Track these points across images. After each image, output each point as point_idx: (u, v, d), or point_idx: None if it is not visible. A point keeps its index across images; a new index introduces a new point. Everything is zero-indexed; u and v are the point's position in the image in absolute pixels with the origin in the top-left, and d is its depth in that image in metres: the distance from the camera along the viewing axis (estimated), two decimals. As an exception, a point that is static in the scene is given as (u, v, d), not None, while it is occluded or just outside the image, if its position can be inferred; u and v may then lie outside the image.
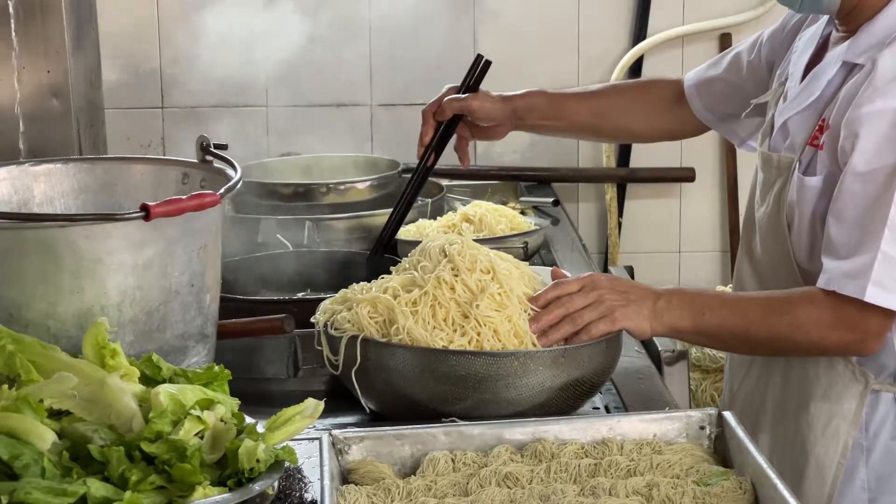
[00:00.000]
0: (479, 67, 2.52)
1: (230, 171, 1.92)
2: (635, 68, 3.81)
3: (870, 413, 2.05)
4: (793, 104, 2.09)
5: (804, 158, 2.03)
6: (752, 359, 2.23)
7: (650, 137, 2.80)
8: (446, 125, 2.50)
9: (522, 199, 3.41)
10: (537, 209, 3.27)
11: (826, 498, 2.07)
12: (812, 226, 2.01)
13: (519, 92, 2.53)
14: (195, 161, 2.00)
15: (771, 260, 2.12)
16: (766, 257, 2.14)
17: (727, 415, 1.69)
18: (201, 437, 1.51)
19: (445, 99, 2.49)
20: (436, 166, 2.56)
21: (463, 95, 2.49)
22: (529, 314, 1.89)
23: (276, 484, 1.56)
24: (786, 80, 2.16)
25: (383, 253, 2.50)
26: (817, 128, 2.02)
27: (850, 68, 2.01)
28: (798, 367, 2.11)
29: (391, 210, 2.57)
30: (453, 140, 2.55)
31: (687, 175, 3.87)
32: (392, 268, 1.99)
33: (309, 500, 1.61)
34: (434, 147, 2.51)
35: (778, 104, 2.15)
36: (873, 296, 1.88)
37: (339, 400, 1.89)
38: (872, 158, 1.90)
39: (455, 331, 1.85)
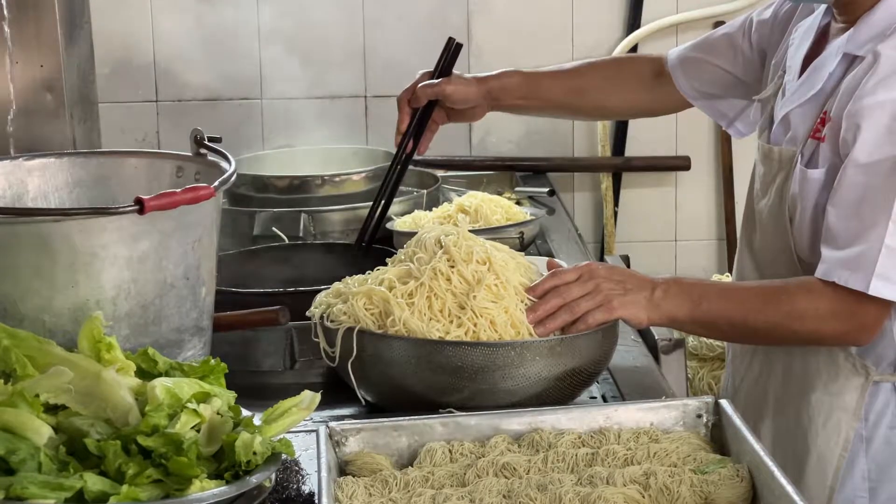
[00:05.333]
0: (451, 51, 2.50)
1: (224, 164, 1.92)
2: (630, 57, 3.80)
3: (869, 403, 2.05)
4: (793, 97, 2.08)
5: (806, 151, 2.03)
6: (754, 351, 2.23)
7: (628, 114, 2.79)
8: (422, 111, 2.49)
9: (518, 189, 3.41)
10: (533, 199, 3.27)
11: (828, 490, 2.07)
12: (814, 218, 2.00)
13: (493, 73, 2.52)
14: (189, 154, 1.99)
15: (772, 252, 2.11)
16: (767, 250, 2.14)
17: (724, 403, 1.69)
18: (198, 431, 1.51)
19: (419, 85, 2.48)
20: (431, 157, 2.56)
21: (436, 81, 2.48)
22: (526, 304, 1.89)
23: (273, 476, 1.56)
24: (783, 73, 2.15)
25: (369, 244, 2.49)
26: (819, 120, 2.01)
27: (850, 60, 2.00)
28: (799, 360, 2.11)
29: (372, 201, 2.56)
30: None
31: (682, 164, 3.87)
32: (388, 259, 1.99)
33: (306, 492, 1.61)
34: (412, 134, 2.50)
35: (777, 98, 2.15)
36: (877, 288, 1.88)
37: (335, 392, 1.89)
38: (874, 150, 1.89)
39: (451, 322, 1.84)
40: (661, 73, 2.47)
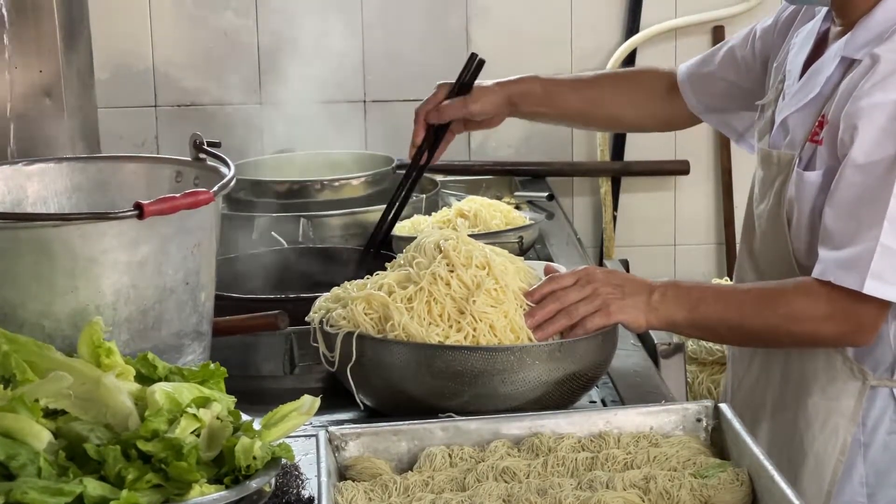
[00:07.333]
0: (474, 66, 2.51)
1: (224, 169, 1.92)
2: (628, 62, 3.81)
3: (867, 408, 2.05)
4: (792, 101, 2.08)
5: (804, 155, 2.03)
6: (753, 355, 2.23)
7: (642, 127, 2.80)
8: (439, 125, 2.50)
9: (517, 193, 3.41)
10: (532, 204, 3.27)
11: (825, 495, 2.07)
12: (811, 221, 2.01)
13: (513, 78, 2.53)
14: (188, 159, 1.99)
15: (771, 256, 2.12)
16: (766, 254, 2.14)
17: (723, 407, 1.69)
18: (197, 435, 1.51)
19: (445, 104, 2.48)
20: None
21: (461, 100, 2.47)
22: (525, 309, 1.89)
23: (272, 481, 1.56)
24: (784, 77, 2.16)
25: (376, 252, 2.49)
26: (817, 124, 2.02)
27: (848, 64, 2.01)
28: (797, 364, 2.11)
29: (383, 208, 2.56)
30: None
31: (681, 168, 3.87)
32: (387, 264, 1.99)
33: (306, 496, 1.60)
34: (427, 147, 2.50)
35: (777, 102, 2.15)
36: (872, 288, 1.88)
37: (335, 396, 1.89)
38: (871, 150, 1.90)
39: (451, 326, 1.84)
40: (674, 88, 2.48)
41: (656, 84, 2.52)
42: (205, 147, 1.97)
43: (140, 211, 1.68)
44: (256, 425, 1.55)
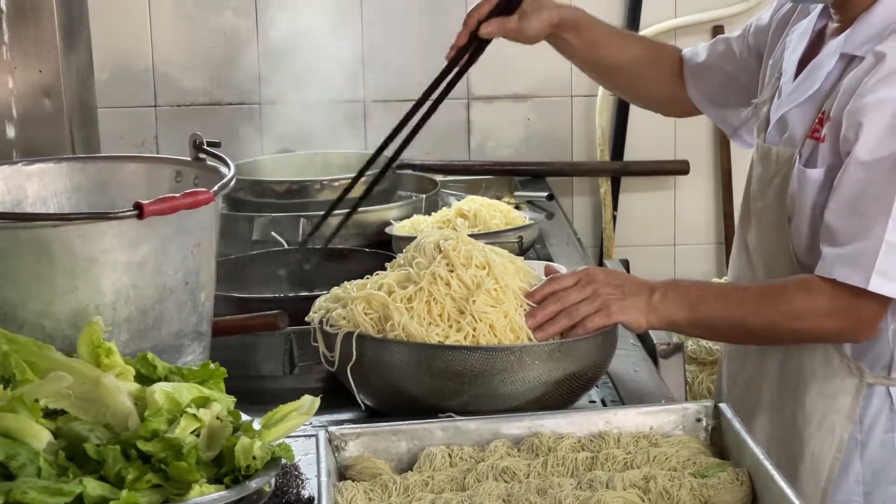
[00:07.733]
0: None
1: (223, 169, 1.92)
2: (628, 61, 3.80)
3: (864, 406, 2.05)
4: (790, 98, 2.08)
5: (804, 151, 2.03)
6: (747, 352, 2.23)
7: (649, 101, 2.70)
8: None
9: (517, 193, 3.41)
10: (532, 203, 3.27)
11: (821, 492, 2.07)
12: (812, 218, 2.01)
13: (565, 3, 2.44)
14: (188, 159, 1.99)
15: (769, 253, 2.12)
16: (764, 250, 2.14)
17: (723, 407, 1.69)
18: (197, 435, 1.51)
19: (498, 20, 2.36)
20: (430, 161, 2.54)
21: (516, 18, 2.36)
22: (525, 309, 1.89)
23: (272, 481, 1.56)
24: (780, 75, 2.16)
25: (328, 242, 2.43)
26: (817, 120, 2.01)
27: (848, 60, 2.00)
28: (793, 361, 2.11)
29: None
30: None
31: (681, 168, 3.87)
32: (387, 264, 1.99)
33: (306, 496, 1.60)
34: (470, 53, 2.38)
35: (773, 100, 2.15)
36: (877, 285, 1.88)
37: (335, 396, 1.89)
38: (876, 147, 1.89)
39: (451, 326, 1.84)
40: (681, 72, 2.46)
41: (669, 61, 2.49)
42: (205, 147, 1.97)
43: (140, 211, 1.68)
44: (256, 425, 1.55)
